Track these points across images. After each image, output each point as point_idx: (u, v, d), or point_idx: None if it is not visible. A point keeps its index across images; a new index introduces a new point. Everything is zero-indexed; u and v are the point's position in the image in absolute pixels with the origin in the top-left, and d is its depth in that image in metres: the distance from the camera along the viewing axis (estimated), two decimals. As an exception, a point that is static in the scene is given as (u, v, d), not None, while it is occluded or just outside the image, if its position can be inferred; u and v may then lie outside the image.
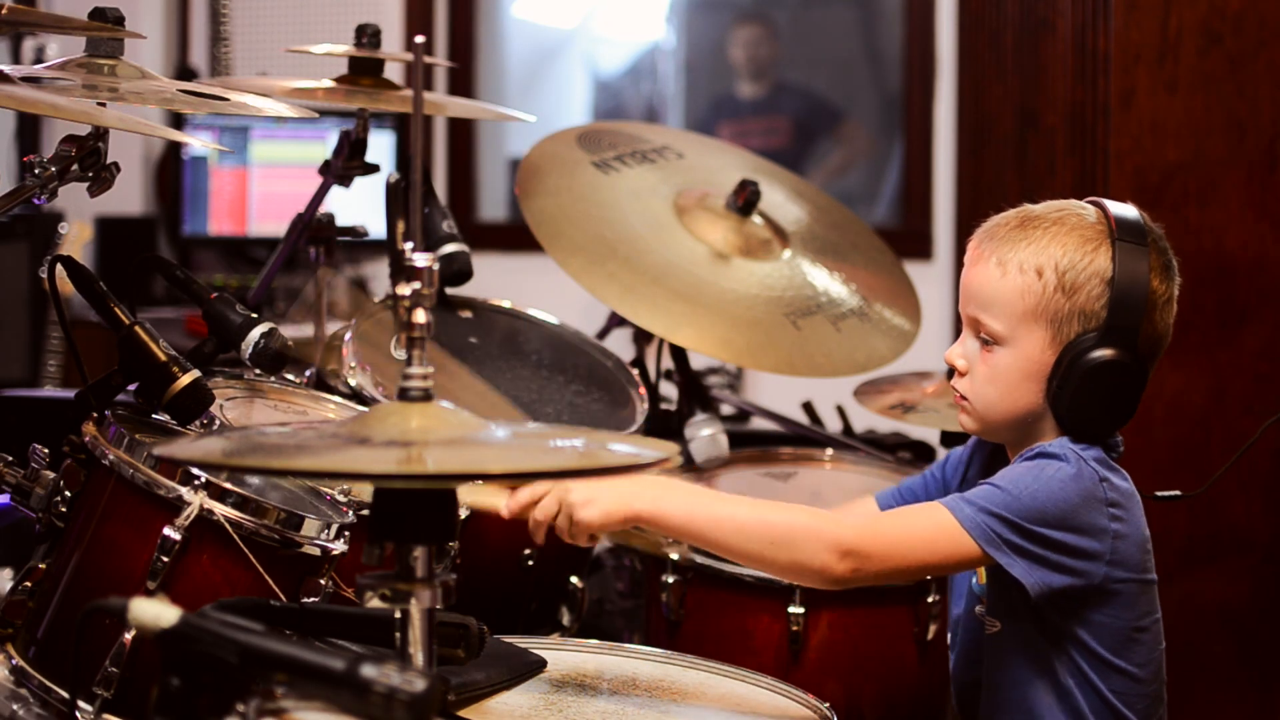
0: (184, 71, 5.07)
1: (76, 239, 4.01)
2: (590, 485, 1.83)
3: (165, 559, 1.73)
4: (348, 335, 2.42)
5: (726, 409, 3.54)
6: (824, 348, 2.63)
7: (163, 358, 1.87)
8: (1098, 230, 1.88)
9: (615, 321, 3.06)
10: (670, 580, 2.38)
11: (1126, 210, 1.91)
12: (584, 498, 1.82)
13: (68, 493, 1.82)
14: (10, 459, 1.86)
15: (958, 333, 2.01)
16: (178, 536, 1.73)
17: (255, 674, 1.16)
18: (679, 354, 2.91)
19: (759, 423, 3.45)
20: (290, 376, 2.31)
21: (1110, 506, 1.84)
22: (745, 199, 2.82)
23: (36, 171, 1.91)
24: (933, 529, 1.83)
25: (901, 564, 1.84)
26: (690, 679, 1.87)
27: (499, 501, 1.88)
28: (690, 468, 2.69)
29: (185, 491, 1.74)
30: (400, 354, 1.36)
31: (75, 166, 1.94)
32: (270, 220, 4.84)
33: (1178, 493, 2.20)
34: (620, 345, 2.93)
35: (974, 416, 1.95)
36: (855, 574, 1.81)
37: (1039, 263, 1.88)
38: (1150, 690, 1.89)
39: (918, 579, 2.29)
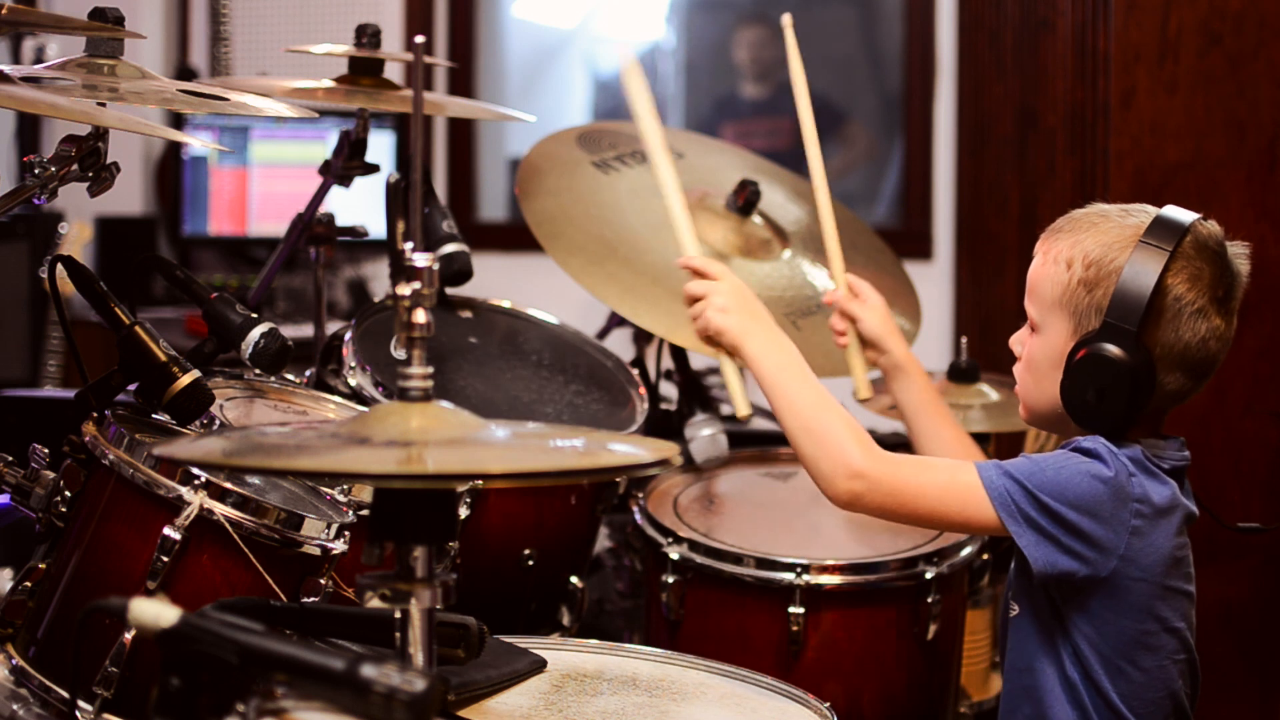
0: (184, 71, 5.07)
1: (76, 239, 4.01)
2: (736, 299, 2.04)
3: (165, 559, 1.73)
4: (348, 335, 2.43)
5: (726, 409, 3.54)
6: (824, 348, 2.62)
7: (163, 358, 1.87)
8: (1139, 232, 1.88)
9: (615, 321, 3.06)
10: (670, 580, 2.38)
11: (1177, 215, 1.89)
12: (722, 305, 2.05)
13: (68, 493, 1.82)
14: (10, 459, 1.86)
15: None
16: (178, 536, 1.73)
17: (255, 674, 1.16)
18: (679, 354, 2.91)
19: (759, 423, 3.45)
20: (290, 376, 2.31)
21: (1137, 503, 1.84)
22: (745, 199, 2.82)
23: (36, 171, 1.91)
24: (950, 481, 1.88)
25: (908, 505, 1.89)
26: (690, 679, 1.87)
27: (689, 246, 2.15)
28: (690, 467, 2.69)
29: (185, 491, 1.74)
30: (400, 354, 1.36)
31: (75, 166, 1.94)
32: (270, 220, 4.84)
33: (1257, 525, 2.25)
34: (620, 345, 2.93)
35: (1021, 402, 2.01)
36: (857, 499, 1.89)
37: (1071, 255, 1.91)
38: (1157, 697, 1.88)
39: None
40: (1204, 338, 1.87)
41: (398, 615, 1.33)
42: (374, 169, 2.73)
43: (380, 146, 4.75)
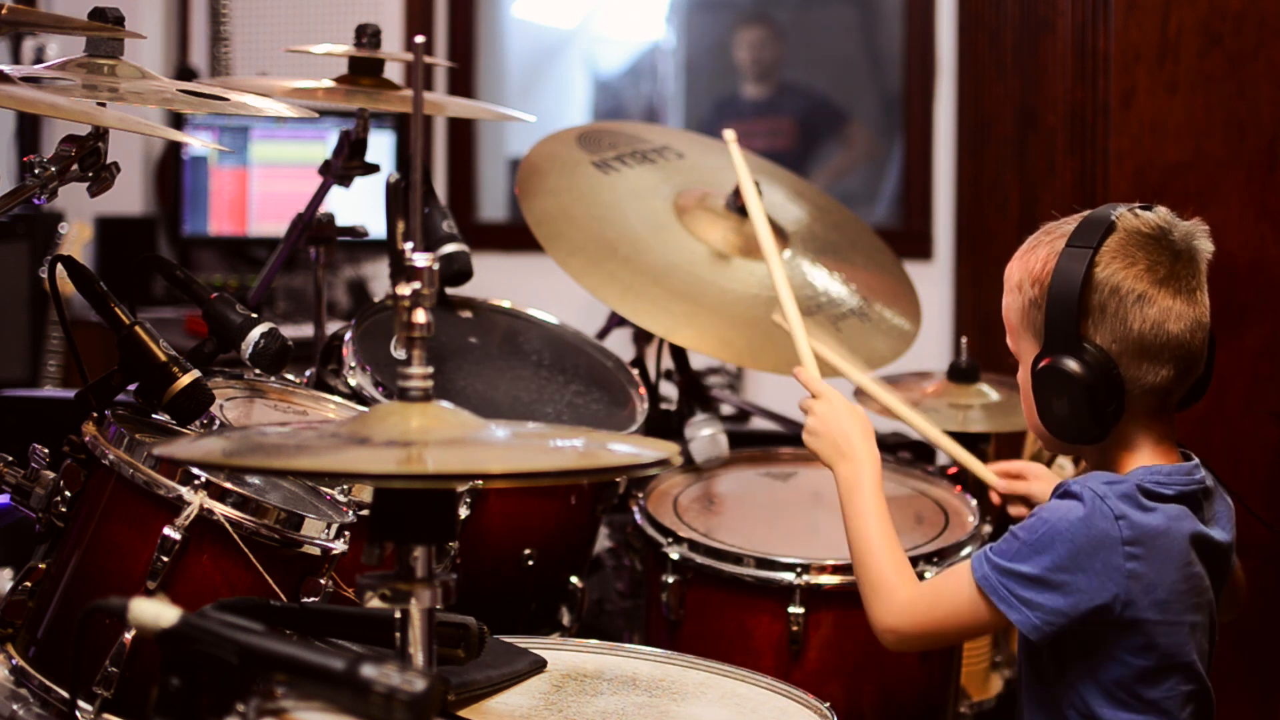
0: (184, 71, 5.07)
1: (76, 239, 4.01)
2: (826, 423, 2.16)
3: (165, 559, 1.73)
4: (348, 335, 2.43)
5: (726, 409, 3.54)
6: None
7: (163, 358, 1.87)
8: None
9: (615, 321, 3.06)
10: (670, 580, 2.38)
11: (1103, 211, 1.88)
12: (813, 428, 2.17)
13: (68, 493, 1.82)
14: (10, 459, 1.86)
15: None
16: (178, 536, 1.73)
17: (255, 674, 1.16)
18: (679, 354, 2.91)
19: (759, 423, 3.45)
20: (290, 376, 2.31)
21: (1127, 545, 1.80)
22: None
23: (36, 171, 1.91)
24: (956, 597, 1.89)
25: (943, 637, 1.97)
26: (690, 679, 1.87)
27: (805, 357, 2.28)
28: (690, 467, 2.69)
29: (185, 491, 1.74)
30: (400, 354, 1.36)
31: (75, 166, 1.93)
32: (270, 220, 4.84)
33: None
34: (620, 345, 2.93)
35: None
36: (898, 645, 1.99)
37: (1020, 277, 1.92)
38: None
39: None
40: (1157, 322, 1.83)
41: (398, 615, 1.33)
42: (374, 169, 2.73)
43: (380, 146, 4.75)
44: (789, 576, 2.30)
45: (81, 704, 1.71)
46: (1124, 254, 1.85)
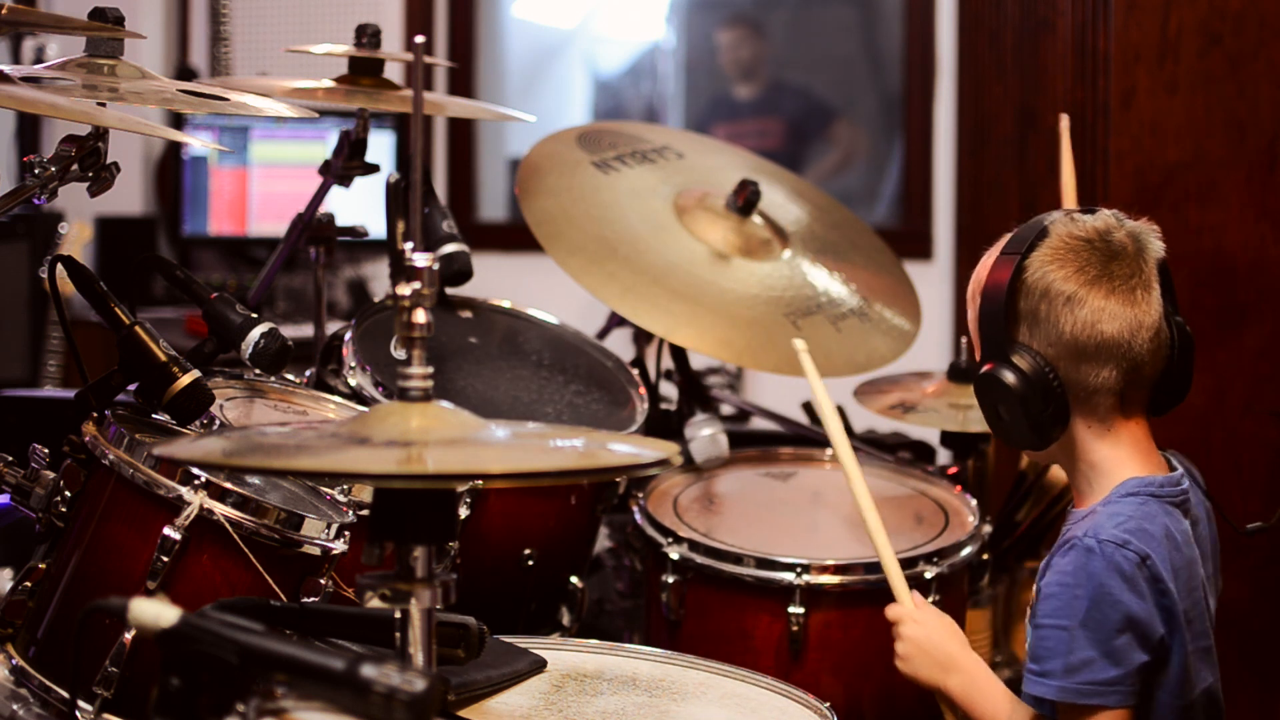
0: (184, 71, 5.07)
1: (76, 239, 4.01)
2: (920, 642, 2.01)
3: (165, 559, 1.73)
4: (348, 335, 2.43)
5: (726, 409, 3.54)
6: (824, 348, 2.63)
7: (163, 358, 1.87)
8: None
9: (615, 321, 3.06)
10: (670, 580, 2.38)
11: (1037, 219, 1.87)
12: (905, 654, 2.01)
13: (68, 493, 1.82)
14: (10, 459, 1.86)
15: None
16: (178, 536, 1.73)
17: (255, 674, 1.16)
18: (679, 354, 2.91)
19: (759, 423, 3.45)
20: (290, 376, 2.31)
21: (1154, 583, 1.76)
22: (745, 199, 2.82)
23: (36, 171, 1.91)
24: None
25: None
26: (690, 679, 1.87)
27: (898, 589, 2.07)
28: (690, 467, 2.69)
29: (185, 491, 1.74)
30: (400, 354, 1.36)
31: (75, 166, 1.94)
32: (270, 220, 4.84)
33: (1261, 524, 2.19)
34: (620, 345, 2.93)
35: None
36: None
37: (972, 290, 1.92)
38: None
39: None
40: (1089, 322, 1.81)
41: (398, 615, 1.33)
42: (374, 169, 2.73)
43: (380, 146, 4.75)
44: (789, 576, 2.30)
45: (81, 704, 1.71)
46: (1055, 258, 1.83)
